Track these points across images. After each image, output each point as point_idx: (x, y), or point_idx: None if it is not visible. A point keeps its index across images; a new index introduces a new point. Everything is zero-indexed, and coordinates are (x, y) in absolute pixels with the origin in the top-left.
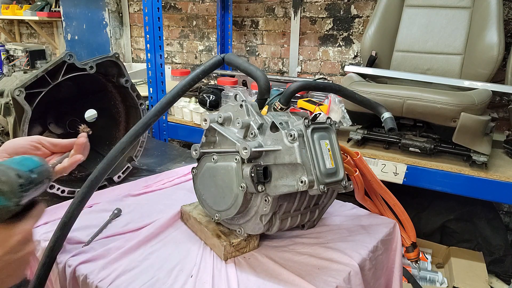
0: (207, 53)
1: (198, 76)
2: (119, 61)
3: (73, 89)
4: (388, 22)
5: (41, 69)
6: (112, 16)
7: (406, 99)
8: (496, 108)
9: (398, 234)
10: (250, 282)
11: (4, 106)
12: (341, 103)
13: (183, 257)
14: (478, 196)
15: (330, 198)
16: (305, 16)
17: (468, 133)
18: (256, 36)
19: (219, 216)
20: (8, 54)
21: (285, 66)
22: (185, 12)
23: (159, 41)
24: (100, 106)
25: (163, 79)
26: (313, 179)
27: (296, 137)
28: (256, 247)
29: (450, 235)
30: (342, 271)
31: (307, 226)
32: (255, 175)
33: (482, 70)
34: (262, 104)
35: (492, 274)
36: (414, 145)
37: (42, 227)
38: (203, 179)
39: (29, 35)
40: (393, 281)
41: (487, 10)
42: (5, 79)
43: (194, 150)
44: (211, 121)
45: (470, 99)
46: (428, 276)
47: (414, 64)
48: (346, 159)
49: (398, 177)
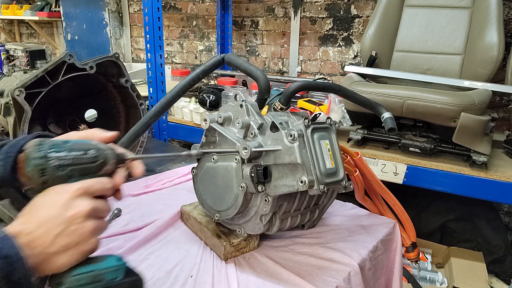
0: (207, 53)
1: (198, 76)
2: (119, 61)
3: (73, 89)
4: (388, 22)
5: (41, 69)
6: (112, 16)
7: (406, 99)
8: (496, 108)
9: (398, 234)
10: (250, 282)
11: (4, 106)
12: (341, 103)
13: (183, 257)
14: (478, 196)
15: (330, 198)
16: (305, 16)
17: (468, 133)
18: (256, 36)
19: (219, 216)
20: (8, 54)
21: (285, 66)
22: (185, 12)
23: (159, 41)
24: (100, 106)
25: (163, 79)
26: (313, 179)
27: (296, 137)
28: (256, 247)
29: (450, 235)
30: (342, 271)
31: (307, 226)
32: (255, 175)
33: (482, 70)
34: (262, 104)
35: (492, 274)
36: (414, 145)
37: None
38: (203, 179)
39: (29, 35)
40: (393, 281)
41: (487, 10)
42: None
43: (194, 150)
44: (211, 121)
45: (470, 99)
46: (428, 276)
47: (414, 64)
48: (346, 159)
49: (398, 177)
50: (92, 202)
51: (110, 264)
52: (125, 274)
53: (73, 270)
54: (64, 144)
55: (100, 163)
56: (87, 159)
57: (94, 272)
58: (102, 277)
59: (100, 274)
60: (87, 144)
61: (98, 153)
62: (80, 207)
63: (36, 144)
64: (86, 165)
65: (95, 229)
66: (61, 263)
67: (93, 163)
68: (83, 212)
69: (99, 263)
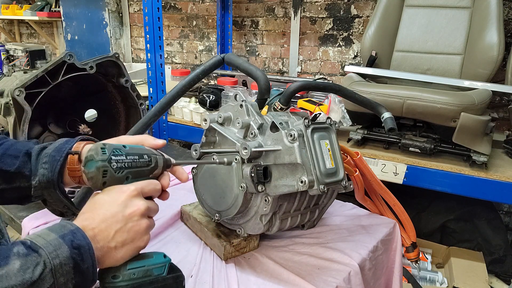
0: (207, 53)
1: (198, 76)
2: (119, 61)
3: (73, 89)
4: (388, 22)
5: (41, 69)
6: (112, 16)
7: (406, 99)
8: (496, 108)
9: (398, 234)
10: (250, 282)
11: (4, 106)
12: (341, 103)
13: (183, 257)
14: (478, 196)
15: (330, 198)
16: (305, 16)
17: (468, 133)
18: (256, 36)
19: (219, 216)
20: (8, 54)
21: (285, 66)
22: (185, 12)
23: (159, 41)
24: (100, 106)
25: (163, 79)
26: (313, 179)
27: (296, 137)
28: (256, 247)
29: (450, 235)
30: (342, 271)
31: (307, 226)
32: (255, 175)
33: (482, 70)
34: (262, 104)
35: (492, 274)
36: (414, 145)
37: (42, 227)
38: (203, 179)
39: (29, 35)
40: (393, 281)
41: (487, 10)
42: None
43: (194, 150)
44: (211, 121)
45: (470, 99)
46: (428, 276)
47: (414, 64)
48: (346, 159)
49: (398, 177)
50: (146, 202)
51: (158, 261)
52: (169, 270)
53: (127, 264)
54: (123, 149)
55: (152, 167)
56: (142, 163)
57: (145, 267)
58: (151, 272)
59: (149, 269)
60: (141, 149)
61: (151, 158)
62: (137, 206)
63: (100, 147)
64: (140, 169)
65: (148, 226)
66: (119, 257)
67: (146, 167)
68: (140, 210)
69: (148, 259)
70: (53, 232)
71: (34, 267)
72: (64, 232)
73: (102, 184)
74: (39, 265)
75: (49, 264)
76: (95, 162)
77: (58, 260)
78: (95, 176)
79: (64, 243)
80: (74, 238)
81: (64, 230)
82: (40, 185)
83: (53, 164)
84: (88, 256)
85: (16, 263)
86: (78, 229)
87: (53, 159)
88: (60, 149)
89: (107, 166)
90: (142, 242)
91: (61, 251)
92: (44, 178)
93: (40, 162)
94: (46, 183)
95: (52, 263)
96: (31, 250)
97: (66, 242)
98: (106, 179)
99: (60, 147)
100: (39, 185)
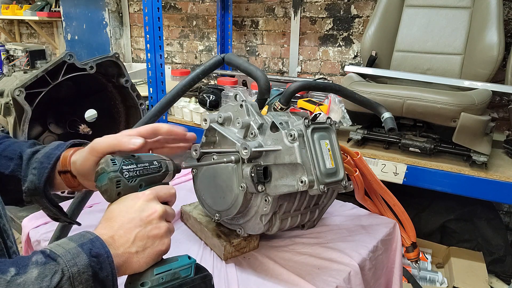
0: (207, 53)
1: (198, 76)
2: (119, 61)
3: (73, 89)
4: (388, 22)
5: (41, 69)
6: (112, 16)
7: (406, 99)
8: (496, 108)
9: (398, 234)
10: (250, 282)
11: (4, 106)
12: (341, 103)
13: None
14: (478, 196)
15: (330, 198)
16: (305, 16)
17: (468, 133)
18: (256, 36)
19: (219, 216)
20: (8, 54)
21: (285, 66)
22: (185, 12)
23: (159, 41)
24: (100, 106)
25: (163, 79)
26: (313, 179)
27: (296, 137)
28: (256, 247)
29: (450, 235)
30: (342, 271)
31: (307, 226)
32: (255, 175)
33: (482, 70)
34: (262, 104)
35: (492, 274)
36: (414, 145)
37: (42, 227)
38: (203, 179)
39: (29, 35)
40: (393, 281)
41: (487, 10)
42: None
43: (194, 150)
44: (211, 121)
45: (470, 99)
46: (428, 276)
47: (414, 64)
48: (346, 159)
49: (398, 177)
50: (163, 206)
51: (183, 262)
52: (196, 271)
53: (153, 269)
54: (133, 158)
55: (163, 172)
56: (153, 169)
57: (172, 270)
58: (179, 275)
59: (176, 271)
60: (150, 156)
61: (161, 164)
62: (154, 209)
63: (110, 159)
64: (152, 175)
65: (168, 230)
66: (142, 262)
67: (157, 173)
68: (158, 213)
69: (173, 262)
70: (72, 241)
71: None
72: (83, 241)
73: (116, 194)
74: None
75: (67, 272)
76: (107, 174)
77: (76, 268)
78: (109, 188)
79: (82, 251)
80: (93, 246)
81: (83, 239)
82: (29, 191)
83: (41, 171)
84: (107, 264)
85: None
86: (97, 237)
87: (41, 165)
88: (50, 155)
89: (120, 176)
90: (164, 246)
91: (79, 259)
92: (32, 185)
93: (30, 167)
94: (33, 190)
95: (70, 271)
96: (50, 258)
97: (85, 251)
98: (120, 189)
99: (50, 152)
100: (28, 191)
